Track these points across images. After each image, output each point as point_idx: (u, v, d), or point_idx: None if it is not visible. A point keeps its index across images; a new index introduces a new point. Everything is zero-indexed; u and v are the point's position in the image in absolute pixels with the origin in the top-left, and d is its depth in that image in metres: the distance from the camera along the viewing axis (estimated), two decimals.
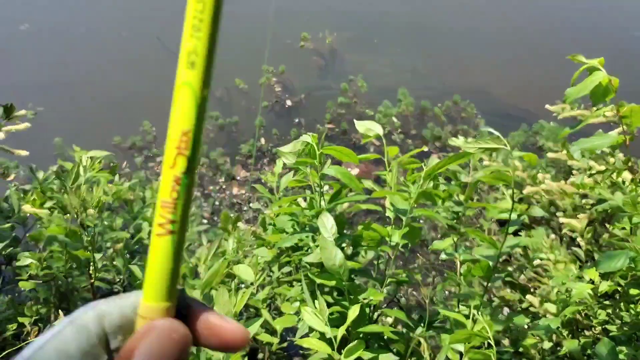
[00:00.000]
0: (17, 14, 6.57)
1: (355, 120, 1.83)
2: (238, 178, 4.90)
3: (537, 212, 2.00)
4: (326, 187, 1.83)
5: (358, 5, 7.25)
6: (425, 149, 5.11)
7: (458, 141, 2.06)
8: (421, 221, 4.19)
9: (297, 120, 5.63)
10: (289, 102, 5.81)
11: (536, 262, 2.49)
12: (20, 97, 5.60)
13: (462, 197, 2.06)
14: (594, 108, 1.80)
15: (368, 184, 1.97)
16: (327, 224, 1.53)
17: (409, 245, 1.82)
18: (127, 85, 5.78)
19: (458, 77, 6.32)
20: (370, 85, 6.01)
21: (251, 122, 5.52)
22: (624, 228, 2.25)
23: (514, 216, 2.04)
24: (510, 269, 2.83)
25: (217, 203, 4.64)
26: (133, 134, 5.23)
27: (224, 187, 4.80)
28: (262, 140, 5.35)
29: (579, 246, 2.68)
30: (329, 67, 6.39)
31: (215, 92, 5.90)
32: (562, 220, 3.26)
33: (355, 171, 5.25)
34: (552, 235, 4.09)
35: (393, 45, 6.68)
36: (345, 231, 1.77)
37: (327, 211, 1.59)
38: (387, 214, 1.76)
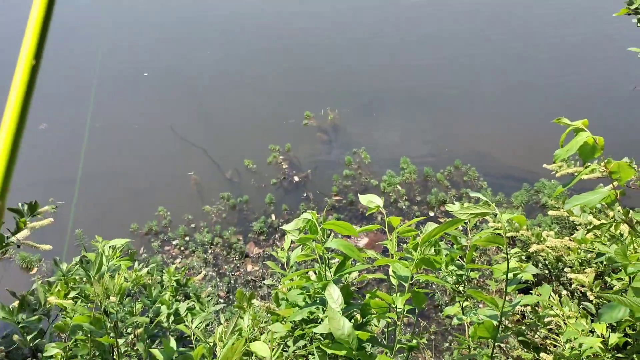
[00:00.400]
0: (35, 115, 6.96)
1: (358, 194, 2.00)
2: (251, 255, 5.02)
3: (532, 270, 2.10)
4: (335, 259, 1.96)
5: (356, 83, 7.61)
6: (422, 218, 5.24)
7: (453, 207, 2.19)
8: (433, 286, 4.24)
9: (305, 195, 5.80)
10: (296, 178, 6.01)
11: (547, 319, 2.55)
12: (42, 193, 5.89)
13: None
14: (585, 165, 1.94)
15: (372, 253, 2.10)
16: (334, 295, 1.64)
17: (417, 310, 1.92)
18: (142, 174, 6.04)
19: (458, 141, 6.53)
20: (373, 156, 6.23)
21: (261, 200, 5.70)
22: (620, 279, 2.33)
23: (511, 276, 2.14)
24: (522, 327, 2.88)
25: (232, 281, 4.73)
26: (149, 219, 5.41)
27: (238, 265, 4.91)
28: (273, 217, 5.51)
29: (590, 300, 2.74)
30: (332, 141, 6.64)
31: (225, 173, 6.13)
32: (570, 275, 3.32)
33: (365, 240, 5.37)
34: (564, 292, 4.13)
35: (392, 116, 6.96)
36: (354, 300, 1.86)
37: (333, 282, 1.70)
38: (392, 281, 1.88)
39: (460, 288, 2.26)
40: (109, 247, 2.36)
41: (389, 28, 8.95)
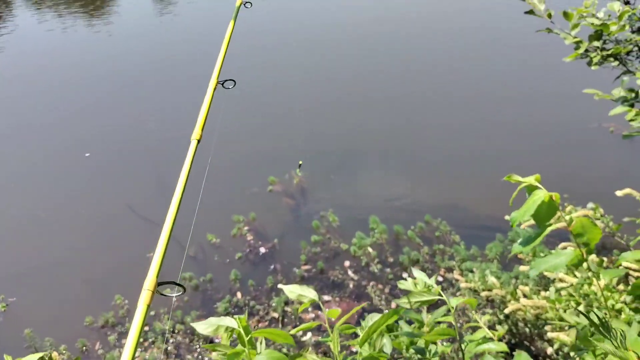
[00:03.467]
0: None
1: (282, 286, 1.74)
2: (217, 340, 4.67)
3: (496, 348, 1.86)
4: None
5: (319, 144, 7.50)
6: (362, 305, 4.98)
7: (406, 283, 1.96)
8: None
9: (272, 267, 5.52)
10: (262, 249, 5.75)
11: None
12: None
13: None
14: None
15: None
16: None
17: None
18: (97, 260, 5.72)
19: (427, 195, 6.38)
20: (341, 218, 6.01)
21: (226, 277, 5.40)
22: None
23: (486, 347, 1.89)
24: None
25: None
26: (105, 310, 5.06)
27: (202, 353, 4.55)
28: (239, 295, 5.20)
29: None
30: (299, 206, 6.44)
31: (188, 251, 5.83)
32: (550, 335, 3.06)
33: (337, 310, 5.07)
34: (549, 349, 3.83)
35: (359, 175, 6.81)
36: None
37: None
38: None
39: None
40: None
41: (353, 86, 8.95)
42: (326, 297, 5.08)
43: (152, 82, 9.81)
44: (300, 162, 6.19)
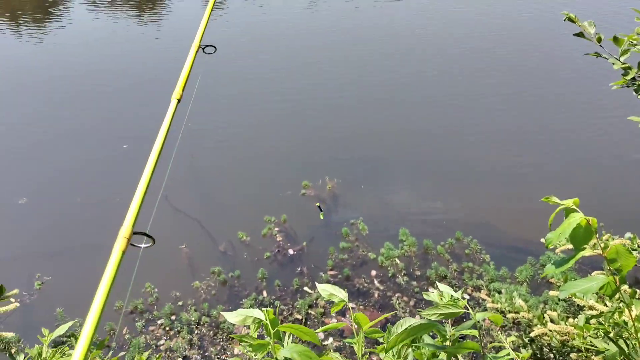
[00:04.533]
0: (14, 190, 6.98)
1: (317, 284, 1.79)
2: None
3: None
4: None
5: (356, 152, 7.53)
6: (391, 313, 4.96)
7: (432, 295, 1.98)
8: None
9: (299, 269, 5.57)
10: (291, 251, 5.81)
11: None
12: (28, 268, 5.74)
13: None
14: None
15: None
16: None
17: None
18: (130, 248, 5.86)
19: (460, 211, 6.33)
20: (371, 228, 6.03)
21: (254, 275, 5.48)
22: None
23: None
24: None
25: None
26: (135, 297, 5.19)
27: (225, 347, 4.63)
28: (265, 293, 5.26)
29: None
30: (330, 212, 6.47)
31: (219, 246, 5.95)
32: None
33: (365, 315, 5.08)
34: None
35: (392, 186, 6.81)
36: None
37: None
38: None
39: None
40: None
41: (389, 96, 8.96)
42: (351, 305, 5.09)
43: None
44: (318, 204, 6.17)
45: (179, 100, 1.90)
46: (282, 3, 14.07)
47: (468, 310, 1.65)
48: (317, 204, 6.20)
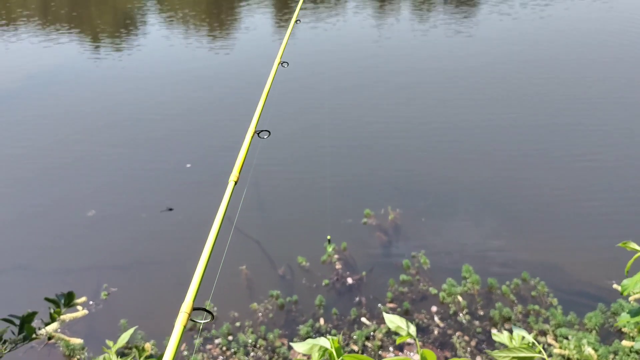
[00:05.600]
0: (84, 202, 7.34)
1: (384, 314, 1.75)
2: None
3: None
4: None
5: (420, 183, 7.45)
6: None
7: (502, 336, 1.90)
8: None
9: (357, 299, 5.51)
10: (349, 280, 5.76)
11: None
12: (97, 278, 5.98)
13: None
14: None
15: None
16: None
17: None
18: (194, 264, 6.00)
19: (527, 251, 6.09)
20: (433, 262, 5.90)
21: (311, 301, 5.46)
22: None
23: None
24: None
25: None
26: (195, 315, 5.27)
27: None
28: (322, 321, 5.22)
29: None
30: (391, 243, 6.39)
31: (278, 269, 5.98)
32: None
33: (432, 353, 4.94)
34: None
35: (457, 220, 6.66)
36: None
37: None
38: None
39: None
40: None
41: (457, 128, 8.84)
42: (408, 340, 4.97)
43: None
44: (329, 237, 5.97)
45: (235, 183, 2.01)
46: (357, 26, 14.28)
47: (543, 355, 1.57)
48: (328, 237, 5.96)
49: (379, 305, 5.40)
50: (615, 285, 5.27)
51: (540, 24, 14.00)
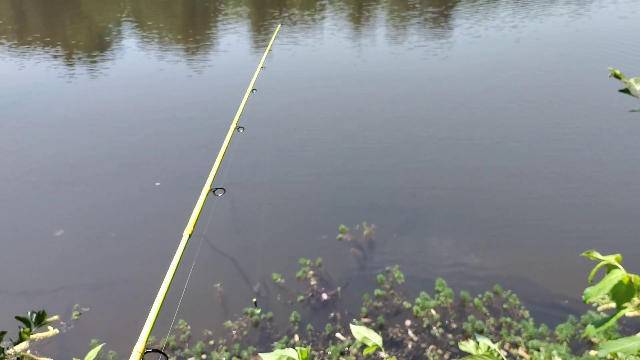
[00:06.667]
0: (51, 222, 7.26)
1: (351, 325, 1.78)
2: None
3: None
4: None
5: (395, 198, 7.53)
6: None
7: (468, 345, 1.95)
8: None
9: (332, 315, 5.52)
10: (325, 296, 5.77)
11: None
12: (68, 298, 5.89)
13: None
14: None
15: None
16: None
17: None
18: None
19: (498, 264, 6.18)
20: (407, 276, 5.94)
21: (286, 318, 5.45)
22: None
23: None
24: None
25: None
26: (166, 333, 5.22)
27: None
28: (296, 337, 5.21)
29: None
30: (366, 258, 6.43)
31: (253, 287, 5.96)
32: None
33: None
34: None
35: (430, 235, 6.74)
36: None
37: None
38: None
39: None
40: None
41: (429, 146, 8.98)
42: (385, 355, 4.99)
43: None
44: (255, 300, 5.76)
45: (190, 236, 2.09)
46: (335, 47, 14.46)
47: None
48: (254, 300, 5.61)
49: (354, 320, 5.42)
50: (583, 296, 5.37)
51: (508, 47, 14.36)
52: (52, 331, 3.40)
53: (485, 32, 15.40)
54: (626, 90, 2.43)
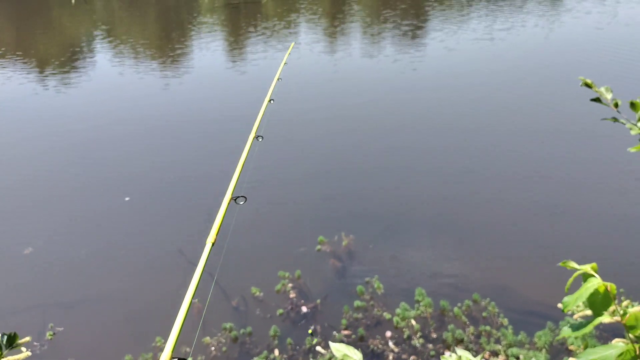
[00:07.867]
0: (20, 240, 7.10)
1: (330, 344, 1.74)
2: None
3: None
4: None
5: (374, 208, 7.53)
6: None
7: (450, 359, 1.93)
8: None
9: (312, 327, 5.46)
10: (304, 309, 5.71)
11: None
12: (41, 318, 5.73)
13: None
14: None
15: None
16: None
17: None
18: (142, 301, 5.84)
19: (477, 273, 6.21)
20: (386, 286, 5.93)
21: (266, 332, 5.38)
22: None
23: None
24: None
25: None
26: (145, 351, 5.12)
27: None
28: (276, 352, 5.15)
29: None
30: (346, 269, 6.40)
31: (232, 301, 5.88)
32: None
33: None
34: None
35: (409, 244, 6.74)
36: None
37: None
38: None
39: None
40: None
41: (406, 153, 9.02)
42: None
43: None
44: (310, 331, 5.43)
45: (213, 244, 2.02)
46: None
47: None
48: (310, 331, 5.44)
49: (334, 332, 5.37)
50: (559, 304, 5.41)
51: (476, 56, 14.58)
52: (24, 353, 3.29)
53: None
54: (597, 100, 2.45)
